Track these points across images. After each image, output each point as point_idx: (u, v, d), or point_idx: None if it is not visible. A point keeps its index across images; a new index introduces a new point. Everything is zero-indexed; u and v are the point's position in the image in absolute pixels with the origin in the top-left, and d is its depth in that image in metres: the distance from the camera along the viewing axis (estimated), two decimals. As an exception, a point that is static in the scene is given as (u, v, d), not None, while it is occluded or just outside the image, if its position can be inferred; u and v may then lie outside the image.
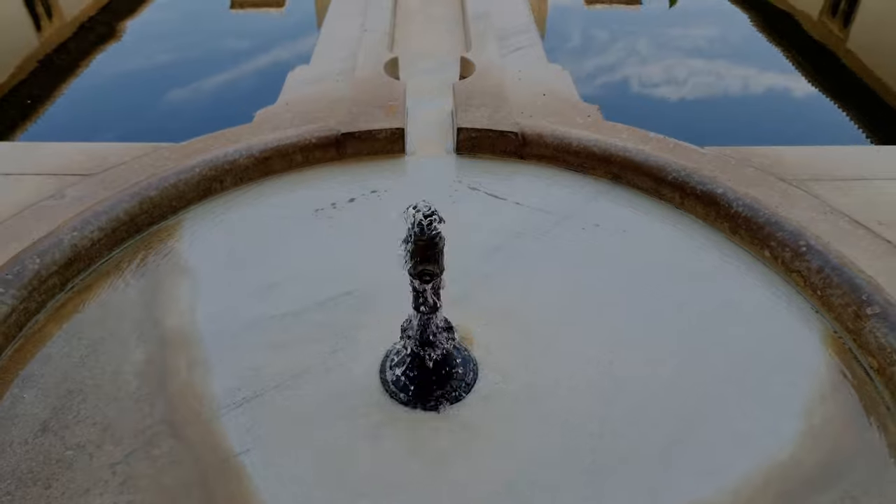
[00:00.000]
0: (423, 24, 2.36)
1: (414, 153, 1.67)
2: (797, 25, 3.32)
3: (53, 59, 2.84)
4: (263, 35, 3.10)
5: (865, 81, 2.55)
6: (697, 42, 2.99)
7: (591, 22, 3.72)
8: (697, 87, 2.43)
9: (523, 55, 2.11)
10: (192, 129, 1.63)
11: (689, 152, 1.58)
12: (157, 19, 3.26)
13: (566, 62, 2.38)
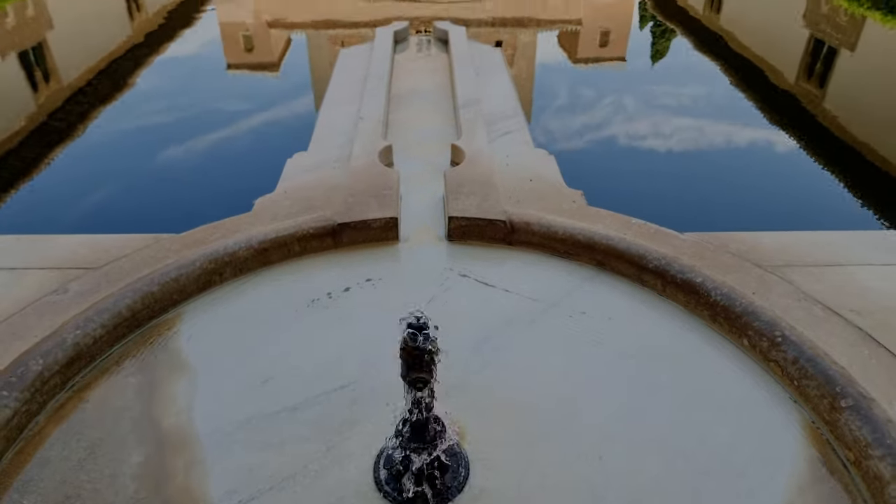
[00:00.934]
0: (416, 109, 2.48)
1: (407, 240, 1.74)
2: (773, 86, 3.49)
3: (49, 124, 2.95)
4: (260, 97, 3.25)
5: (843, 140, 2.69)
6: (679, 102, 3.15)
7: (578, 79, 3.89)
8: (677, 158, 2.54)
9: (510, 140, 2.21)
10: (190, 195, 1.71)
11: (670, 238, 1.65)
12: (154, 85, 3.41)
13: (554, 119, 2.51)
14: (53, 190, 2.33)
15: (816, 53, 4.11)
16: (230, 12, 5.27)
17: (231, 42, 4.57)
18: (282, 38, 4.66)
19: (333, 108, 2.43)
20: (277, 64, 4.18)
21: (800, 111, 3.20)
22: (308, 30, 4.89)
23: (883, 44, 4.18)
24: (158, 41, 4.34)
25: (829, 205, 2.25)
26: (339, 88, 2.59)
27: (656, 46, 4.68)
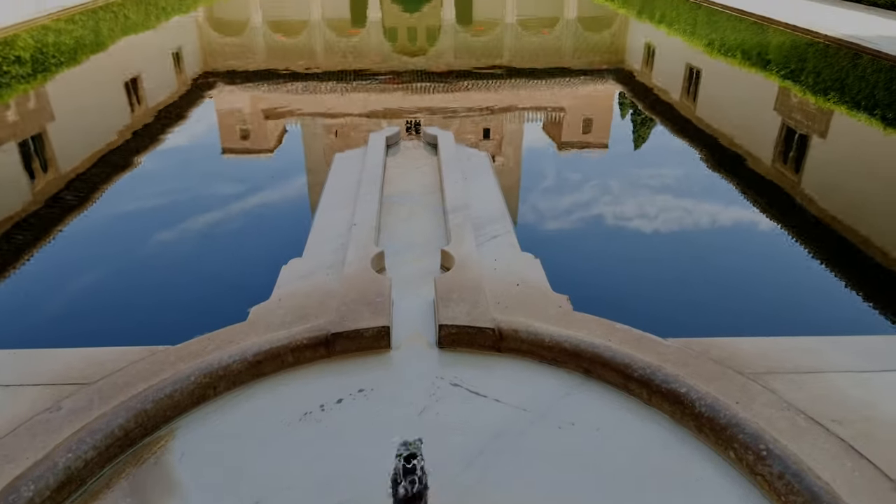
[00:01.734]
0: (408, 213, 2.58)
1: (399, 347, 1.77)
2: (750, 172, 3.65)
3: (41, 214, 3.02)
4: (256, 193, 3.35)
5: (818, 229, 2.80)
6: (659, 194, 3.27)
7: (563, 166, 4.05)
8: (659, 256, 2.63)
9: (498, 244, 2.30)
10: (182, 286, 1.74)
11: (654, 345, 1.70)
12: (150, 179, 3.51)
13: (541, 202, 2.61)
14: (45, 294, 2.36)
15: (789, 140, 4.35)
16: (227, 102, 5.52)
17: (227, 131, 4.75)
18: (277, 127, 4.85)
19: (328, 213, 2.52)
20: (272, 150, 4.34)
21: (777, 197, 3.34)
22: (304, 118, 5.08)
23: (853, 131, 4.43)
24: (154, 133, 4.50)
25: (807, 305, 2.32)
26: (334, 193, 2.70)
27: (638, 133, 4.88)
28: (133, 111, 5.14)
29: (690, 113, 5.12)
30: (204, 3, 10.54)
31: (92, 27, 7.56)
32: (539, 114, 5.29)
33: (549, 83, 6.16)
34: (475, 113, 5.14)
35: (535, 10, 11.18)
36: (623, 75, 6.49)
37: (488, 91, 5.91)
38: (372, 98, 5.48)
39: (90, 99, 5.45)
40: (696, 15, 8.17)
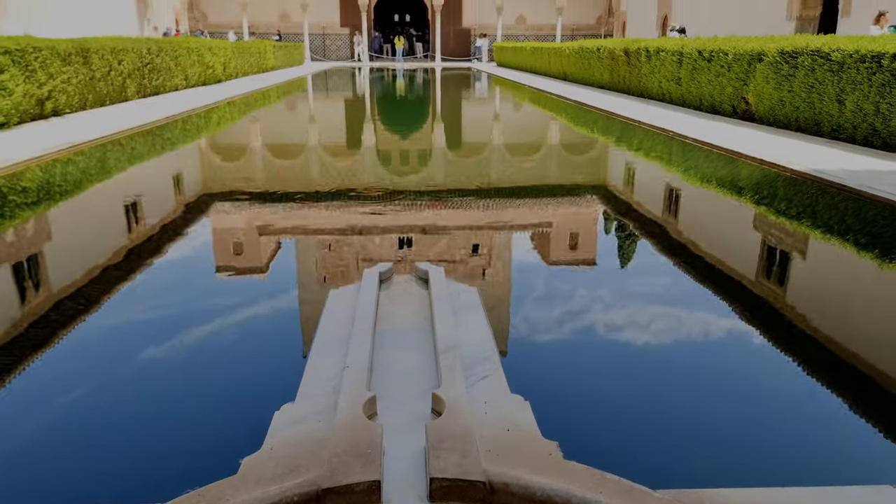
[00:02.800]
0: (399, 352, 2.63)
1: (390, 502, 1.77)
2: (735, 290, 3.73)
3: (25, 336, 3.01)
4: (246, 302, 3.39)
5: (809, 358, 2.84)
6: (648, 311, 3.33)
7: (552, 284, 4.12)
8: (647, 395, 2.65)
9: (488, 385, 2.35)
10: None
11: (644, 497, 1.70)
12: (140, 307, 3.53)
13: (532, 317, 2.64)
14: (24, 441, 2.32)
15: (771, 257, 4.53)
16: (223, 221, 5.69)
17: (222, 249, 4.84)
18: (271, 244, 4.97)
19: (322, 354, 2.58)
20: (266, 268, 4.43)
21: (771, 318, 3.40)
22: (298, 235, 5.22)
23: (830, 251, 4.62)
24: (149, 252, 4.59)
25: (807, 446, 2.34)
26: (328, 332, 2.77)
27: (623, 249, 5.02)
28: (130, 231, 5.27)
29: (674, 230, 5.36)
30: (207, 132, 11.13)
31: (99, 157, 7.92)
32: (527, 230, 5.45)
33: (535, 201, 6.43)
34: (465, 229, 5.33)
35: (520, 137, 11.87)
36: (606, 194, 6.81)
37: (477, 209, 6.13)
38: (365, 216, 5.67)
39: (89, 221, 5.60)
40: (670, 146, 8.70)
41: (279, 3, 37.06)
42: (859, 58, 7.18)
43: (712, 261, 4.44)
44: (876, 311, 3.61)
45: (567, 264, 4.65)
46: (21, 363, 2.84)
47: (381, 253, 4.65)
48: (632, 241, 5.14)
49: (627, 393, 2.70)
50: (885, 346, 3.18)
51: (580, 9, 38.30)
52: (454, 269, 4.37)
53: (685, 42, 12.36)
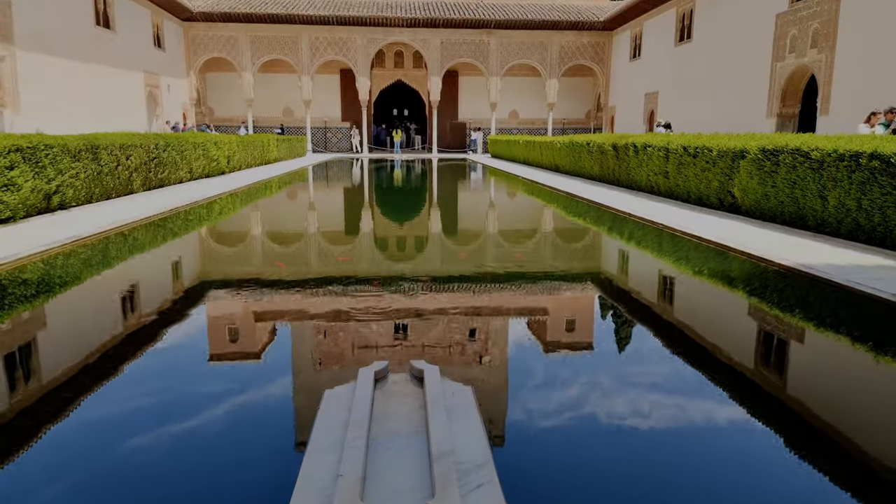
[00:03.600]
0: (393, 456, 2.62)
1: None
2: (733, 377, 3.72)
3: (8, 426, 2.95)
4: (239, 394, 3.34)
5: (807, 443, 2.81)
6: (647, 401, 3.30)
7: (550, 367, 4.09)
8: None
9: (482, 495, 2.32)
10: None
11: None
12: (130, 402, 3.49)
13: (530, 403, 2.60)
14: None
15: (768, 343, 4.55)
16: (219, 307, 5.71)
17: (217, 336, 4.84)
18: (266, 331, 4.96)
19: (315, 459, 2.56)
20: (260, 355, 4.41)
21: (766, 407, 3.38)
22: (293, 322, 5.22)
23: (825, 343, 4.65)
24: (143, 340, 4.59)
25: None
26: (322, 436, 2.76)
27: (619, 334, 5.04)
28: (125, 320, 5.29)
29: (666, 318, 5.41)
30: (208, 221, 11.36)
31: (101, 249, 8.05)
32: (523, 315, 5.48)
33: (530, 287, 6.50)
34: (461, 314, 5.35)
35: (514, 225, 12.14)
36: (600, 281, 6.93)
37: (473, 293, 6.21)
38: (362, 302, 5.71)
39: (85, 311, 5.62)
40: (660, 237, 8.91)
41: (283, 100, 38.79)
42: (838, 157, 7.52)
43: (706, 347, 4.48)
44: (863, 401, 3.63)
45: (564, 349, 4.67)
46: (7, 451, 2.80)
47: (377, 339, 4.68)
48: (627, 327, 5.19)
49: (627, 492, 2.66)
50: (871, 433, 3.17)
51: (570, 104, 40.13)
52: (450, 354, 4.39)
53: (671, 138, 12.92)
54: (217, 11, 33.35)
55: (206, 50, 34.62)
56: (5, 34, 18.31)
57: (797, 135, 9.56)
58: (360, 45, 35.13)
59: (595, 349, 4.63)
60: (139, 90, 27.90)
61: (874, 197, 6.96)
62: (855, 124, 15.51)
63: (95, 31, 24.01)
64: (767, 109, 20.32)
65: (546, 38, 36.06)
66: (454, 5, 36.56)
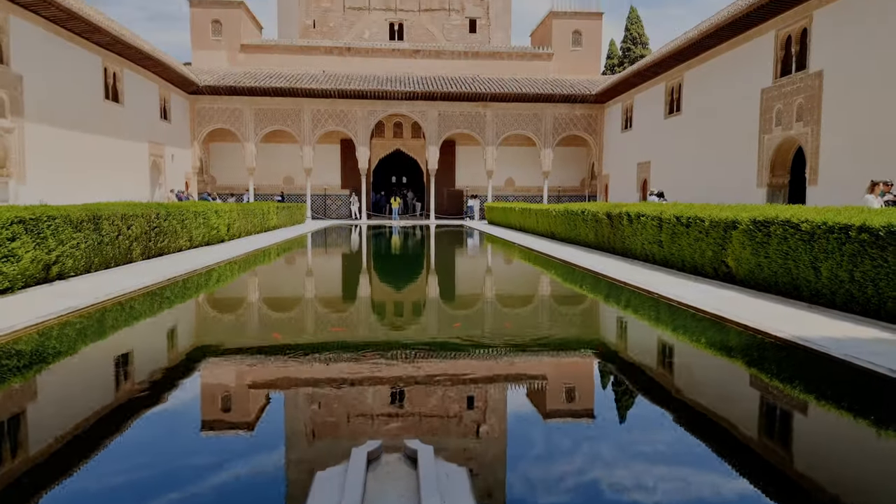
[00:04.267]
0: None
1: None
2: (736, 447, 3.64)
3: None
4: (230, 452, 3.25)
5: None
6: (652, 474, 3.23)
7: (550, 436, 3.99)
8: None
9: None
10: None
11: None
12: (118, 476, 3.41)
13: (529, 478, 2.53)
14: None
15: (768, 417, 4.53)
16: (213, 375, 5.64)
17: (209, 404, 4.79)
18: (260, 399, 4.90)
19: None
20: (253, 425, 4.34)
21: (765, 481, 3.31)
22: (287, 390, 5.15)
23: (828, 415, 4.60)
24: (134, 409, 4.54)
25: None
26: None
27: (620, 404, 5.00)
28: (118, 390, 5.25)
29: (670, 386, 5.37)
30: (206, 289, 11.38)
31: (97, 319, 8.05)
32: (521, 383, 5.43)
33: (529, 355, 6.46)
34: (458, 383, 5.30)
35: (511, 292, 12.16)
36: (600, 349, 6.90)
37: (471, 359, 6.17)
38: (357, 369, 5.67)
39: (79, 382, 5.56)
40: (657, 306, 8.94)
41: (284, 168, 39.59)
42: (827, 229, 7.66)
43: (706, 420, 4.44)
44: (862, 475, 3.58)
45: (564, 418, 4.63)
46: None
47: (373, 409, 4.63)
48: (628, 397, 5.16)
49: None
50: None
51: (565, 172, 41.00)
52: (447, 425, 4.34)
53: (664, 207, 13.16)
54: (223, 85, 34.52)
55: (210, 121, 35.63)
56: (15, 107, 18.88)
57: (787, 206, 9.76)
58: (360, 116, 36.21)
59: (595, 419, 4.58)
60: (144, 160, 28.51)
61: (866, 269, 7.05)
62: (844, 194, 15.85)
63: (104, 104, 24.77)
64: (758, 179, 20.77)
65: (540, 110, 37.24)
66: (451, 79, 37.95)
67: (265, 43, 40.34)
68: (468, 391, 5.14)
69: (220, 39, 39.34)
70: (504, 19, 48.15)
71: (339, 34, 46.79)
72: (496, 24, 48.08)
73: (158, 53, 27.55)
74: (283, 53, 40.02)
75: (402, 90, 35.17)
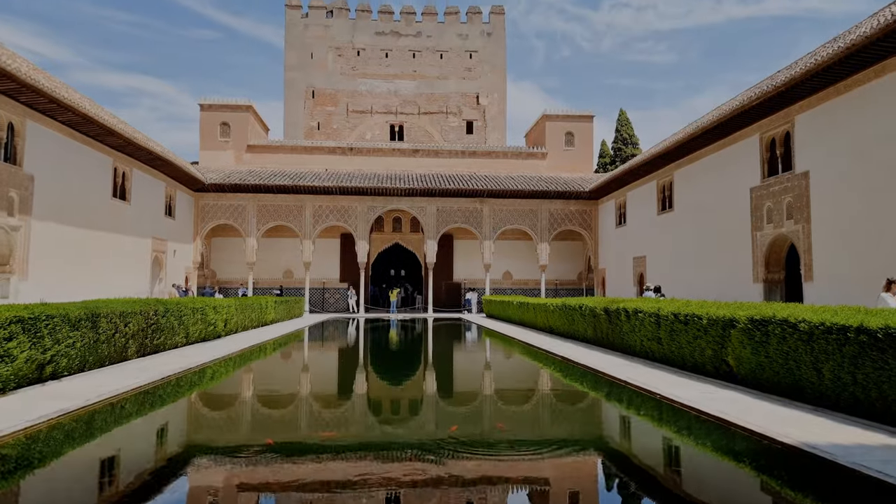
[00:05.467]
0: None
1: None
2: None
3: None
4: None
5: None
6: None
7: None
8: None
9: None
10: None
11: None
12: None
13: None
14: None
15: None
16: (202, 478, 5.50)
17: None
18: (252, 502, 4.75)
19: None
20: None
21: None
22: (279, 494, 5.00)
23: None
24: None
25: None
26: None
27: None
28: (102, 492, 5.15)
29: (673, 490, 5.25)
30: (200, 387, 11.22)
31: (86, 421, 7.89)
32: (522, 487, 5.27)
33: (529, 456, 6.31)
34: (457, 486, 5.15)
35: (511, 386, 11.96)
36: (602, 451, 6.73)
37: (470, 460, 5.99)
38: (353, 470, 5.54)
39: (63, 485, 5.44)
40: (659, 407, 8.80)
41: (284, 262, 40.00)
42: (826, 329, 7.66)
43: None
44: None
45: None
46: None
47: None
48: (631, 502, 5.00)
49: None
50: None
51: (562, 266, 41.43)
52: None
53: (661, 304, 13.22)
54: (228, 183, 35.58)
55: (213, 217, 36.40)
56: (24, 206, 19.35)
57: (784, 305, 9.81)
58: (360, 212, 37.06)
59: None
60: (146, 256, 28.86)
61: (868, 371, 6.99)
62: (842, 290, 15.98)
63: (111, 202, 25.42)
64: (753, 275, 20.97)
65: (536, 206, 38.19)
66: (449, 177, 39.19)
67: (271, 143, 41.99)
68: (467, 496, 4.99)
69: (227, 140, 40.98)
70: (499, 121, 50.50)
71: (342, 135, 48.86)
72: (492, 125, 50.37)
73: (167, 154, 28.60)
74: (288, 153, 41.57)
75: (401, 187, 36.23)
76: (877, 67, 15.37)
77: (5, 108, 18.43)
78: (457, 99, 49.84)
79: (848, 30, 16.58)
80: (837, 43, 15.72)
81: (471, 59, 50.33)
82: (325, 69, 49.45)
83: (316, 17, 50.07)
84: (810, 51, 18.70)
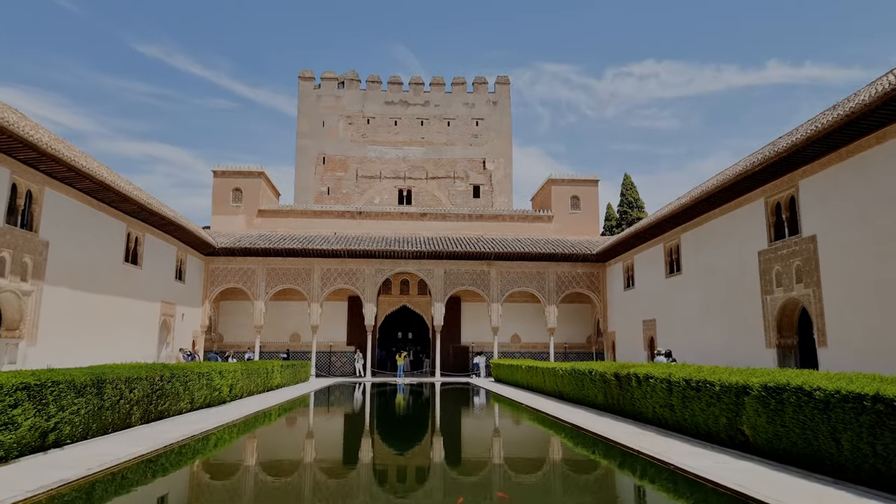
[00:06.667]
0: None
1: None
2: None
3: None
4: None
5: None
6: None
7: None
8: None
9: None
10: None
11: None
12: None
13: None
14: None
15: None
16: None
17: None
18: None
19: None
20: None
21: None
22: None
23: None
24: None
25: None
26: None
27: None
28: None
29: None
30: (202, 455, 11.02)
31: (87, 491, 7.76)
32: None
33: None
34: None
35: (520, 456, 11.64)
36: None
37: None
38: None
39: None
40: (674, 478, 8.56)
41: (291, 325, 39.90)
42: (842, 398, 7.49)
43: None
44: None
45: None
46: None
47: None
48: None
49: None
50: None
51: (571, 329, 41.05)
52: None
53: (673, 369, 13.00)
54: (238, 247, 36.00)
55: (223, 280, 36.62)
56: (37, 272, 19.59)
57: (798, 371, 9.63)
58: (368, 274, 37.20)
59: None
60: (155, 319, 28.90)
61: (887, 442, 6.79)
62: (857, 356, 15.67)
63: (123, 267, 25.69)
64: (766, 340, 20.59)
65: (543, 269, 38.23)
66: (456, 239, 39.51)
67: (281, 208, 42.73)
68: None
69: (239, 205, 41.76)
70: (505, 185, 51.32)
71: (351, 200, 49.73)
72: (498, 189, 51.18)
73: (180, 219, 29.12)
74: (298, 217, 42.20)
75: (409, 250, 36.48)
76: (878, 134, 15.62)
77: (25, 176, 18.96)
78: (464, 164, 50.89)
79: (847, 97, 16.94)
80: (837, 110, 16.05)
81: (477, 126, 51.73)
82: (336, 136, 50.88)
83: (328, 87, 51.97)
84: (811, 118, 19.09)
